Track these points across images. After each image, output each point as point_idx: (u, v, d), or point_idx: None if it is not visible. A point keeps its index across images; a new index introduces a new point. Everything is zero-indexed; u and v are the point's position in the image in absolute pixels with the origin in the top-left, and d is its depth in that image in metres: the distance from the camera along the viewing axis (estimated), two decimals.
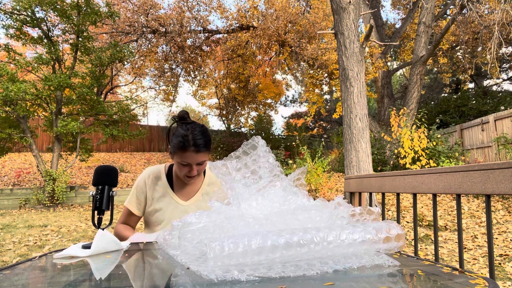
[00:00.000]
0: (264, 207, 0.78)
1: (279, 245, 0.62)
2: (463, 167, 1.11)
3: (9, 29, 7.34)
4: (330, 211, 0.75)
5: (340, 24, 5.90)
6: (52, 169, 7.74)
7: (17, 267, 0.78)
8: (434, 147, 7.78)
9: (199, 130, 1.31)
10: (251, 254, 0.61)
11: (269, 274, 0.58)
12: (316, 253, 0.64)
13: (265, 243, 0.62)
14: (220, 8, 11.63)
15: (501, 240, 4.07)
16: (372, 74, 10.83)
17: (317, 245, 0.64)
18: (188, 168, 1.32)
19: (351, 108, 5.71)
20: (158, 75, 13.07)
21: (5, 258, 3.83)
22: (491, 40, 8.20)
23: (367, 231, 0.68)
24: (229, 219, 0.71)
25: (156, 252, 0.95)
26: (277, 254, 0.62)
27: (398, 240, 0.69)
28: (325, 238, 0.64)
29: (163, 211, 1.43)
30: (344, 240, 0.65)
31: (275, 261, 0.63)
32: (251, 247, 0.61)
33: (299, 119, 23.42)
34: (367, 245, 0.67)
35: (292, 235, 0.64)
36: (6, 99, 6.86)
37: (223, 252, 0.60)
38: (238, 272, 0.58)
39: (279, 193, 0.83)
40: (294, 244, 0.63)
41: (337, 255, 0.65)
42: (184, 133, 1.29)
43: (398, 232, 0.69)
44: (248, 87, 14.36)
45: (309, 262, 0.63)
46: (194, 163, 1.31)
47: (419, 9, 10.53)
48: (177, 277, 0.65)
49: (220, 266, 0.59)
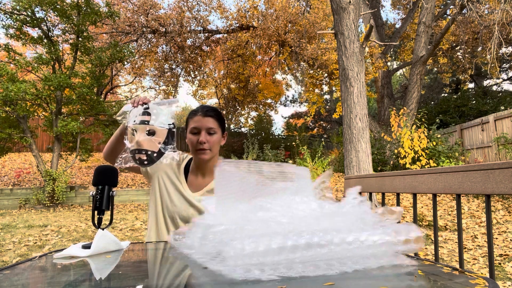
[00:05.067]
0: (287, 212, 0.78)
1: (299, 245, 0.63)
2: (463, 167, 1.11)
3: (9, 29, 7.34)
4: (354, 219, 0.75)
5: (340, 24, 5.90)
6: (52, 169, 7.74)
7: (17, 267, 0.78)
8: (434, 147, 7.78)
9: (210, 105, 1.47)
10: (271, 254, 0.61)
11: (289, 274, 0.58)
12: (336, 254, 0.65)
13: (286, 243, 0.62)
14: (220, 8, 11.63)
15: (501, 240, 4.07)
16: (372, 74, 10.83)
17: (338, 246, 0.64)
18: (197, 136, 1.37)
19: (351, 108, 5.72)
20: (158, 75, 13.07)
21: (5, 258, 3.83)
22: (491, 40, 8.20)
23: (387, 233, 0.68)
24: (251, 222, 0.72)
25: (168, 252, 0.95)
26: (297, 254, 0.63)
27: (417, 243, 0.70)
28: (345, 239, 0.65)
29: (166, 188, 1.46)
30: (364, 241, 0.66)
31: (295, 261, 0.63)
32: (272, 247, 0.61)
33: (299, 119, 23.42)
34: (386, 246, 0.67)
35: (312, 236, 0.64)
36: (6, 99, 6.86)
37: (244, 251, 0.60)
38: (259, 271, 0.58)
39: (302, 199, 0.82)
40: (314, 245, 0.63)
41: (356, 256, 0.66)
42: (195, 107, 1.45)
43: (417, 235, 0.70)
44: (248, 87, 14.36)
45: (328, 262, 0.63)
46: (203, 128, 1.37)
47: (419, 9, 10.53)
48: (195, 276, 0.66)
49: (240, 265, 0.60)
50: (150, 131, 1.15)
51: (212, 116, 1.39)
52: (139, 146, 1.13)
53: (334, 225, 0.72)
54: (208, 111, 1.40)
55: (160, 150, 1.16)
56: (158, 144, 1.16)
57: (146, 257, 0.96)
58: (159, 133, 1.16)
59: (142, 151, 1.14)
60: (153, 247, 1.07)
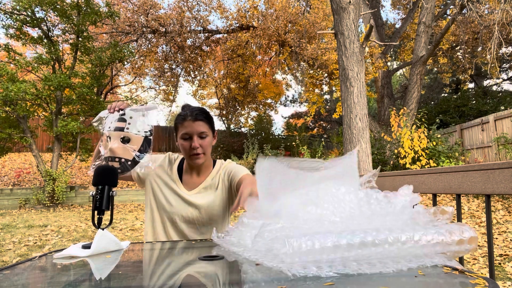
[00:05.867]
0: (336, 208, 0.79)
1: (354, 244, 0.63)
2: (463, 167, 1.11)
3: (9, 29, 7.34)
4: (406, 218, 0.75)
5: (340, 24, 5.90)
6: (52, 169, 7.75)
7: (17, 267, 0.78)
8: (434, 147, 7.78)
9: (197, 107, 1.40)
10: (327, 252, 0.62)
11: (346, 271, 0.59)
12: (390, 252, 0.66)
13: (341, 241, 0.63)
14: (220, 8, 11.63)
15: (501, 240, 4.07)
16: (372, 74, 10.83)
17: (391, 245, 0.65)
18: (190, 142, 1.36)
19: (351, 108, 5.72)
20: (158, 75, 13.07)
21: (5, 258, 3.83)
22: (491, 40, 8.20)
23: (440, 232, 0.68)
24: (306, 221, 0.72)
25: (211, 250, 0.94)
26: (352, 253, 0.64)
27: (471, 243, 0.69)
28: (399, 239, 0.66)
29: (161, 191, 1.45)
30: (418, 241, 0.66)
31: (349, 259, 0.64)
32: (327, 245, 0.62)
33: (299, 119, 23.42)
34: (440, 247, 0.68)
35: (366, 234, 0.65)
36: (6, 99, 6.86)
37: (300, 249, 0.61)
38: (316, 268, 0.59)
39: (348, 188, 0.82)
40: (369, 244, 0.64)
41: (410, 255, 0.66)
42: (183, 110, 1.39)
43: (471, 235, 0.70)
44: (248, 87, 14.36)
45: (381, 260, 0.65)
46: (195, 133, 1.35)
47: (419, 9, 10.53)
48: (247, 273, 0.66)
49: (297, 262, 0.61)
50: (125, 138, 1.13)
51: (202, 119, 1.36)
52: (112, 154, 1.10)
53: (386, 224, 0.73)
54: (198, 114, 1.36)
55: (135, 158, 1.12)
56: (132, 152, 1.12)
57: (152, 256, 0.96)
58: (134, 141, 1.13)
59: (115, 159, 1.11)
60: (159, 246, 1.06)
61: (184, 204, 1.41)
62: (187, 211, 1.40)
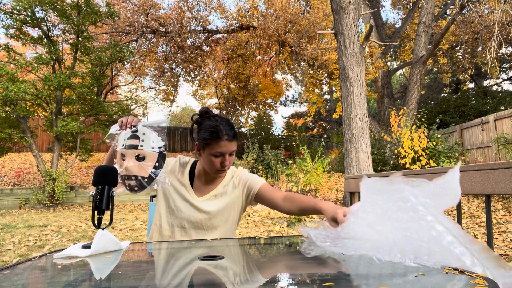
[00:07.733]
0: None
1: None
2: (463, 167, 1.11)
3: (9, 29, 7.34)
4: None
5: (340, 24, 5.90)
6: (52, 169, 7.74)
7: (17, 267, 0.78)
8: (434, 147, 7.78)
9: (226, 120, 1.34)
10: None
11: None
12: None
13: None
14: (220, 8, 11.63)
15: (501, 240, 4.07)
16: (372, 74, 10.83)
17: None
18: (221, 159, 1.32)
19: (351, 108, 5.72)
20: (158, 75, 13.07)
21: (5, 258, 3.83)
22: (491, 40, 8.20)
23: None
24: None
25: (211, 250, 0.94)
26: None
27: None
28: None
29: (170, 196, 1.43)
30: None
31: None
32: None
33: (299, 119, 23.44)
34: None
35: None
36: (6, 99, 6.86)
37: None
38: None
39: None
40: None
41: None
42: (215, 124, 1.30)
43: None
44: (248, 87, 14.36)
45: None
46: (228, 152, 1.32)
47: (419, 9, 10.53)
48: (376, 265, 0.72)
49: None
50: (140, 156, 1.13)
51: (236, 139, 1.34)
52: (128, 172, 1.11)
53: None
54: (234, 136, 1.33)
55: (151, 175, 1.13)
56: (148, 169, 1.13)
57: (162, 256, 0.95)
58: (149, 158, 1.13)
59: (131, 177, 1.11)
60: (166, 246, 1.06)
61: (193, 210, 1.40)
62: (196, 217, 1.39)
